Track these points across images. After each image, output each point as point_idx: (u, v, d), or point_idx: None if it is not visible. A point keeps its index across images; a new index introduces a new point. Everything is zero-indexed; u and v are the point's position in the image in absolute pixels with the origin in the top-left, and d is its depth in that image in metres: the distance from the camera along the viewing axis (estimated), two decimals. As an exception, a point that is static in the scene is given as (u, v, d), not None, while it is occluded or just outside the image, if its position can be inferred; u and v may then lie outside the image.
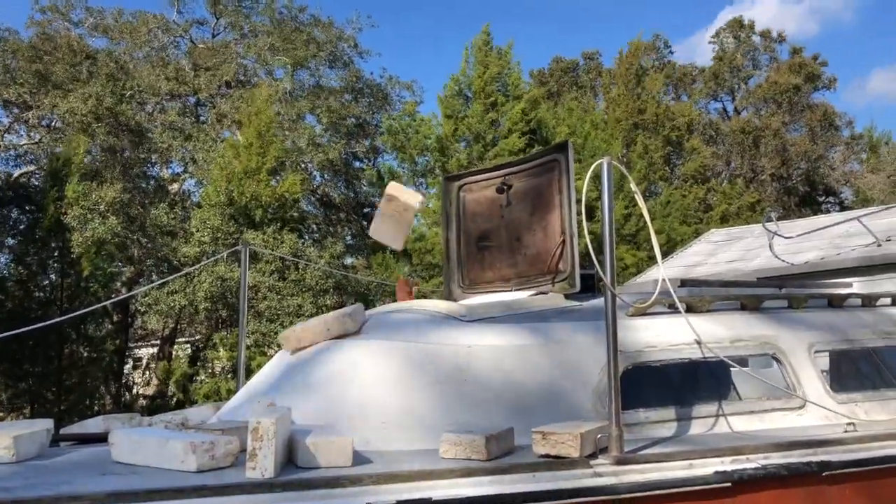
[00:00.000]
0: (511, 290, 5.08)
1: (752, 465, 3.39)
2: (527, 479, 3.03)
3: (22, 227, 20.22)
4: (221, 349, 19.27)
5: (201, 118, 24.86)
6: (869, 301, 5.09)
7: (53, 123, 23.16)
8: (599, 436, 3.32)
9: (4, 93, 21.31)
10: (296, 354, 4.53)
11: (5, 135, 23.59)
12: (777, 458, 3.48)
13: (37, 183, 22.34)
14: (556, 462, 3.14)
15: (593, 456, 3.23)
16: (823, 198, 38.57)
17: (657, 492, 3.20)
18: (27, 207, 20.28)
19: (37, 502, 2.45)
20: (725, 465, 3.36)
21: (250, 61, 25.19)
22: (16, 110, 22.77)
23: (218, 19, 26.23)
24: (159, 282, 18.12)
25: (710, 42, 40.22)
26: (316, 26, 25.41)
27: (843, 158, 38.11)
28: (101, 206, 18.39)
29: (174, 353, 25.11)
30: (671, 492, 3.24)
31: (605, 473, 3.17)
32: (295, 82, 24.90)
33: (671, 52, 40.83)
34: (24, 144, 23.73)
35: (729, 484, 3.31)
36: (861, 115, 71.64)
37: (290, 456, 3.11)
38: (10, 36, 21.87)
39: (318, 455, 3.05)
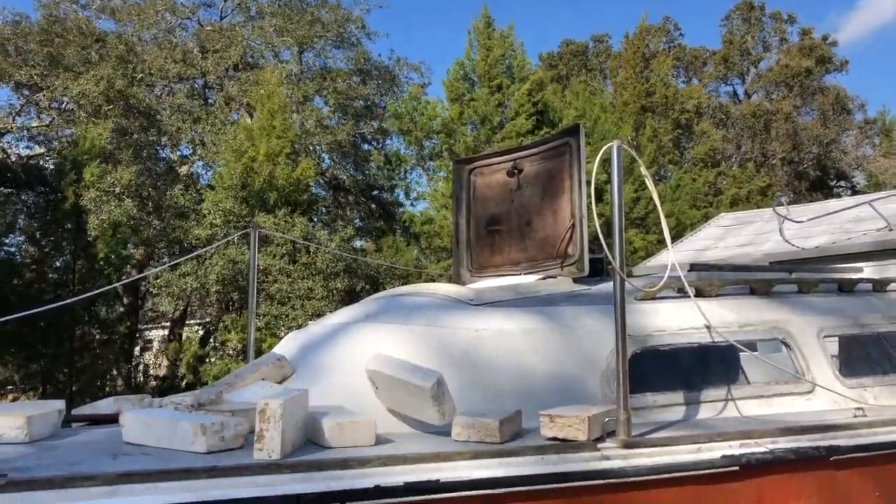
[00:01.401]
0: (520, 274, 5.08)
1: (761, 450, 3.39)
2: (535, 462, 3.05)
3: (35, 209, 20.32)
4: (232, 331, 19.39)
5: (209, 100, 24.83)
6: (879, 286, 5.07)
7: (64, 106, 23.19)
8: (607, 419, 3.32)
9: (17, 75, 21.34)
10: (306, 338, 4.55)
11: (17, 117, 23.65)
12: (785, 443, 3.47)
13: (47, 165, 22.41)
14: (563, 445, 3.15)
15: (601, 439, 3.24)
16: (835, 182, 38.27)
17: (665, 475, 3.21)
18: (40, 189, 20.37)
19: (49, 482, 2.48)
20: (733, 449, 3.36)
21: (257, 43, 25.10)
22: (27, 92, 22.81)
23: (225, 1, 26.14)
24: (170, 263, 18.19)
25: (720, 24, 39.89)
26: (322, 7, 25.27)
27: (855, 142, 37.76)
28: (117, 189, 18.46)
29: (185, 335, 25.28)
30: (679, 475, 3.24)
31: (613, 457, 3.18)
32: (302, 64, 24.81)
33: (681, 35, 40.50)
34: (36, 126, 23.79)
35: (737, 468, 3.31)
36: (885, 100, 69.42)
37: (314, 436, 3.14)
38: (21, 19, 21.90)
39: (344, 435, 3.08)
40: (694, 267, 4.44)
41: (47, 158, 23.04)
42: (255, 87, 21.46)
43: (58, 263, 19.24)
